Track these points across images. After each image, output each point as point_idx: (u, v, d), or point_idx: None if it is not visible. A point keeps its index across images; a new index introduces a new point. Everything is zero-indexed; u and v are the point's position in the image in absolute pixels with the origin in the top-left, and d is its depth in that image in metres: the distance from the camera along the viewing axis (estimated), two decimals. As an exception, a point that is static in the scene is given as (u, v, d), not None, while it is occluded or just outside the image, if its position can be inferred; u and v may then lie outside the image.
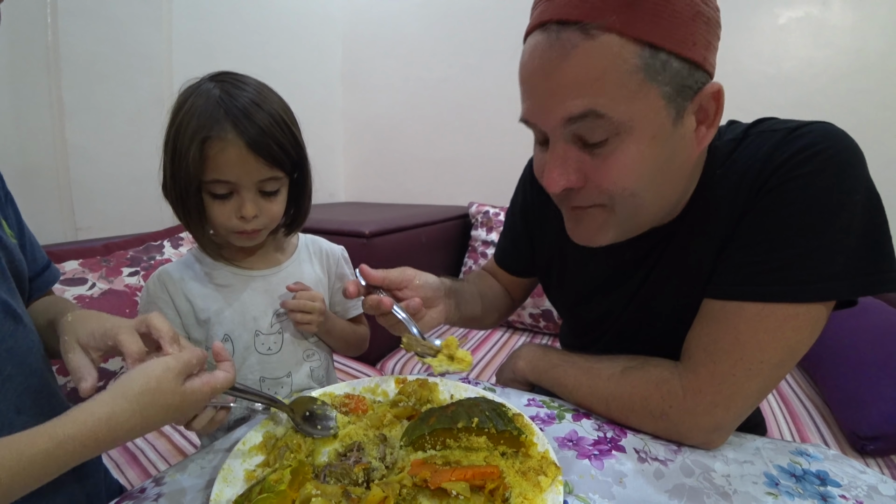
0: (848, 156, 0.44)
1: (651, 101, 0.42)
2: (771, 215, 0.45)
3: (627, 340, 0.61)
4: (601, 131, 0.43)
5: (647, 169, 0.45)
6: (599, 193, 0.47)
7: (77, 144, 1.23)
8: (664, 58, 0.40)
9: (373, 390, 0.59)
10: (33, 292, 0.58)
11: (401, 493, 0.37)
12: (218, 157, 0.58)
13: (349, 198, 2.41)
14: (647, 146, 0.43)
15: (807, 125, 0.47)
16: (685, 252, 0.53)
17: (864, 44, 1.39)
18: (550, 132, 0.46)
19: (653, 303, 0.58)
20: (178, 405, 0.39)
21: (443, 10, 2.01)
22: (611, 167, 0.44)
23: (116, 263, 1.18)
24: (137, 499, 0.42)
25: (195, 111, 0.58)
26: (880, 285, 0.43)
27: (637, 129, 0.43)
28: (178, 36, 1.45)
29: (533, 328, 1.65)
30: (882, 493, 0.41)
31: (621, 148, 0.43)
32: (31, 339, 0.48)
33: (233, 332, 0.69)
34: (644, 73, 0.41)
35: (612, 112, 0.42)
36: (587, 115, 0.42)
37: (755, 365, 0.45)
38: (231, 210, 0.62)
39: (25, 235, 0.58)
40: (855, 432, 0.94)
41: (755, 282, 0.45)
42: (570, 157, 0.46)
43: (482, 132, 1.99)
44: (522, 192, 0.76)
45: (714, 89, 0.44)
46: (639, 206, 0.48)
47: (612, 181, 0.45)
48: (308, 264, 0.77)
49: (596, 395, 0.53)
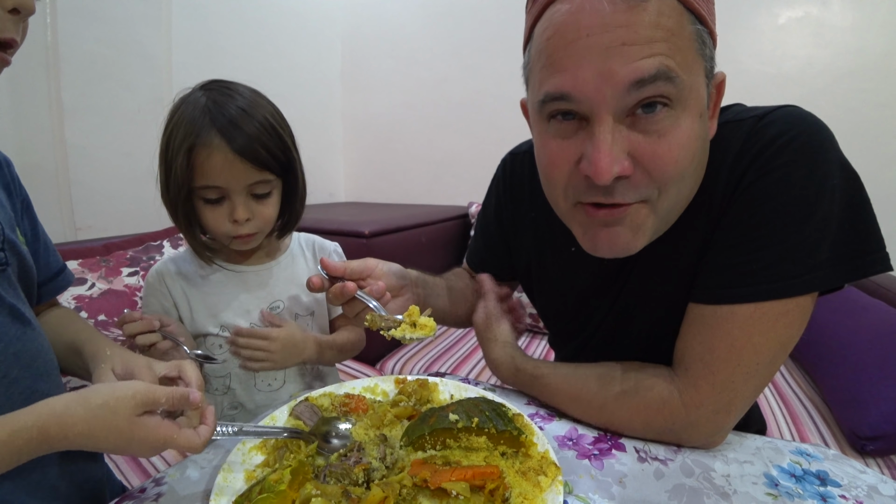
0: (819, 139, 0.43)
1: (700, 76, 0.40)
2: (751, 213, 0.44)
3: (613, 346, 0.60)
4: (663, 99, 0.39)
5: (698, 149, 0.42)
6: (649, 182, 0.42)
7: (77, 144, 1.23)
8: (704, 32, 0.40)
9: (373, 390, 0.59)
10: (43, 296, 0.58)
11: (401, 493, 0.37)
12: (205, 164, 0.59)
13: (349, 198, 2.41)
14: (697, 124, 0.41)
15: (774, 111, 0.45)
16: (665, 255, 0.51)
17: (864, 44, 1.39)
18: (599, 107, 0.40)
19: (635, 308, 0.56)
20: (126, 434, 0.37)
21: (443, 10, 2.01)
22: (670, 144, 0.40)
23: (116, 263, 1.18)
24: (137, 499, 0.42)
25: (183, 120, 0.60)
26: (867, 267, 0.42)
27: (691, 104, 0.40)
28: (178, 36, 1.45)
29: (533, 328, 1.65)
30: (882, 493, 0.41)
31: (678, 123, 0.40)
32: (39, 342, 0.49)
33: (227, 325, 0.70)
34: (697, 44, 0.39)
35: (681, 76, 0.38)
36: (658, 78, 0.37)
37: (752, 367, 0.44)
38: (223, 215, 0.63)
39: (40, 240, 0.58)
40: (855, 432, 0.94)
41: (744, 282, 0.44)
42: (620, 138, 0.40)
43: (482, 132, 1.99)
44: (496, 195, 0.73)
45: (723, 77, 0.43)
46: (681, 193, 0.44)
47: (672, 160, 0.40)
48: (301, 259, 0.78)
49: (591, 422, 0.52)
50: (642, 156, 0.41)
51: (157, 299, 0.70)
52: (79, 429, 0.36)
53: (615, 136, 0.40)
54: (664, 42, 0.37)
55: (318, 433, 0.47)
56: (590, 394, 0.51)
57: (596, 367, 0.53)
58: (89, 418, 0.36)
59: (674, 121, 0.40)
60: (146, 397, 0.38)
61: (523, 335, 1.65)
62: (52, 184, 1.22)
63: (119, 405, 0.37)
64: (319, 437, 0.47)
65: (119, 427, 0.37)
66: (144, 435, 0.38)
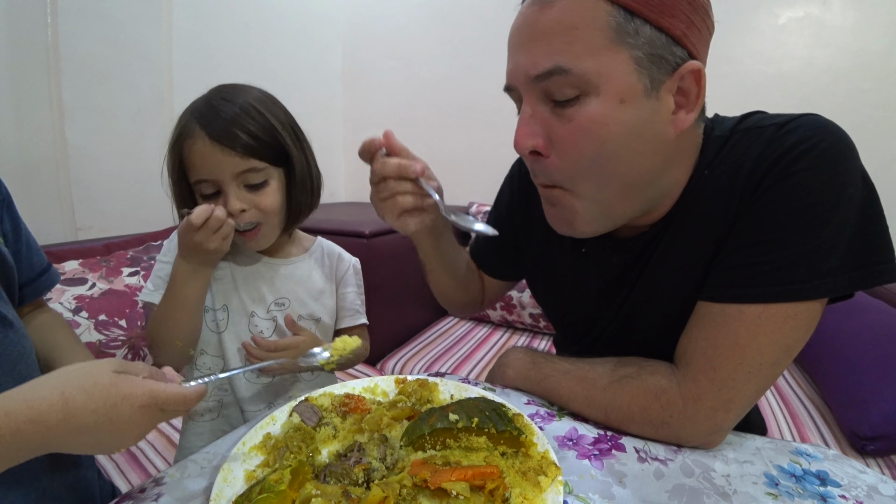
0: (840, 148, 0.43)
1: (620, 62, 0.42)
2: (767, 216, 0.44)
3: (620, 345, 0.60)
4: (569, 89, 0.43)
5: (611, 134, 0.44)
6: (561, 166, 0.47)
7: (77, 144, 1.23)
8: (638, 23, 0.41)
9: (373, 390, 0.59)
10: (26, 296, 0.57)
11: (401, 493, 0.37)
12: (191, 155, 0.61)
13: (349, 198, 2.41)
14: (613, 109, 0.43)
15: (795, 119, 0.46)
16: (674, 255, 0.52)
17: (864, 44, 1.39)
18: (523, 91, 0.46)
19: (644, 308, 0.57)
20: (109, 391, 0.34)
21: (443, 10, 2.01)
22: (576, 128, 0.44)
23: (116, 263, 1.18)
24: (137, 499, 0.41)
25: (179, 121, 0.62)
26: (876, 277, 0.43)
27: (603, 89, 0.42)
28: (178, 36, 1.45)
29: (533, 328, 1.65)
30: (882, 493, 0.41)
31: (586, 108, 0.43)
32: (22, 344, 0.47)
33: (230, 304, 0.70)
34: (615, 33, 0.41)
35: (576, 67, 0.42)
36: (553, 73, 0.43)
37: (754, 367, 0.44)
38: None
39: (22, 240, 0.57)
40: (855, 432, 0.94)
41: (754, 283, 0.44)
42: (538, 116, 0.46)
43: (482, 132, 1.99)
44: (509, 192, 0.74)
45: (693, 68, 0.43)
46: (602, 181, 0.47)
47: (574, 144, 0.45)
48: (318, 269, 0.78)
49: (593, 406, 0.52)
50: (555, 139, 0.46)
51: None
52: (55, 398, 0.33)
53: (534, 114, 0.46)
54: (563, 36, 0.42)
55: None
56: (596, 374, 0.53)
57: (604, 359, 0.55)
58: (64, 385, 0.33)
59: (582, 108, 0.44)
60: (122, 363, 0.37)
61: (523, 335, 1.65)
62: (52, 184, 1.22)
63: (95, 367, 0.36)
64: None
65: (100, 384, 0.34)
66: (129, 390, 0.35)
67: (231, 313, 0.70)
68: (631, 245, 0.56)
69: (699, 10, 0.43)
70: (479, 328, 1.70)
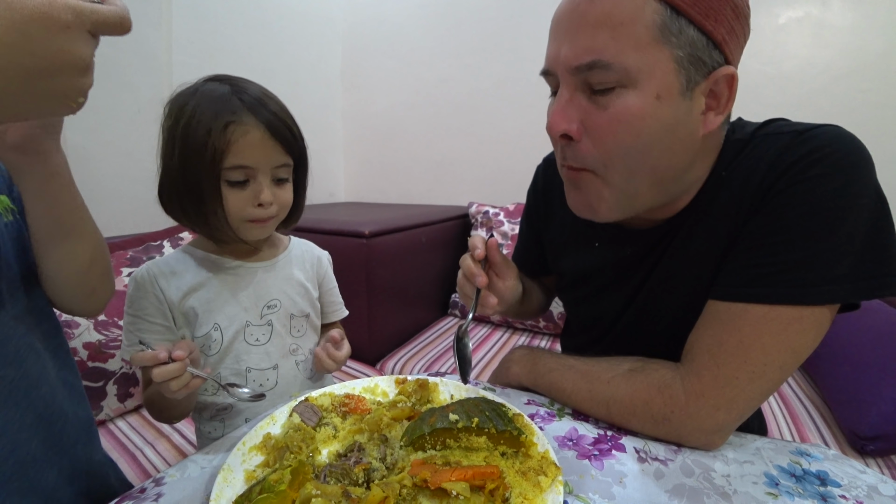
0: (856, 159, 0.44)
1: (661, 60, 0.43)
2: (778, 218, 0.45)
3: (628, 341, 0.61)
4: (608, 80, 0.44)
5: (647, 128, 0.45)
6: (594, 151, 0.47)
7: (77, 144, 1.23)
8: (683, 23, 0.42)
9: (373, 390, 0.59)
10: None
11: (401, 493, 0.37)
12: (240, 141, 0.60)
13: (349, 198, 2.41)
14: (651, 104, 0.44)
15: (815, 128, 0.47)
16: (687, 252, 0.53)
17: (864, 44, 1.39)
18: (562, 77, 0.47)
19: (654, 303, 0.58)
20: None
21: (443, 10, 2.01)
22: (611, 117, 0.45)
23: (116, 263, 1.18)
24: (137, 499, 0.42)
25: (206, 105, 0.60)
26: (883, 288, 0.43)
27: (642, 84, 0.43)
28: (178, 36, 1.45)
29: (533, 328, 1.65)
30: (882, 493, 0.41)
31: (624, 99, 0.44)
32: (10, 327, 0.47)
33: (222, 322, 0.68)
34: (659, 31, 0.42)
35: (618, 60, 0.43)
36: (595, 66, 0.43)
37: (759, 368, 0.44)
38: (247, 198, 0.63)
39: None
40: (855, 432, 0.94)
41: (761, 284, 0.45)
42: (574, 103, 0.47)
43: (482, 132, 1.99)
44: (534, 195, 0.78)
45: (728, 72, 0.44)
46: (633, 171, 0.47)
47: (611, 133, 0.45)
48: (299, 267, 0.78)
49: (595, 400, 0.53)
50: (590, 126, 0.47)
51: (151, 301, 0.66)
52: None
53: (572, 100, 0.47)
54: (609, 31, 0.42)
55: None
56: (600, 369, 0.54)
57: (610, 357, 0.56)
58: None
59: (619, 98, 0.44)
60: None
61: (523, 335, 1.65)
62: (52, 184, 1.21)
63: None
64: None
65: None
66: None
67: (224, 331, 0.68)
68: (646, 236, 0.57)
69: (741, 17, 0.44)
70: (479, 328, 1.70)
